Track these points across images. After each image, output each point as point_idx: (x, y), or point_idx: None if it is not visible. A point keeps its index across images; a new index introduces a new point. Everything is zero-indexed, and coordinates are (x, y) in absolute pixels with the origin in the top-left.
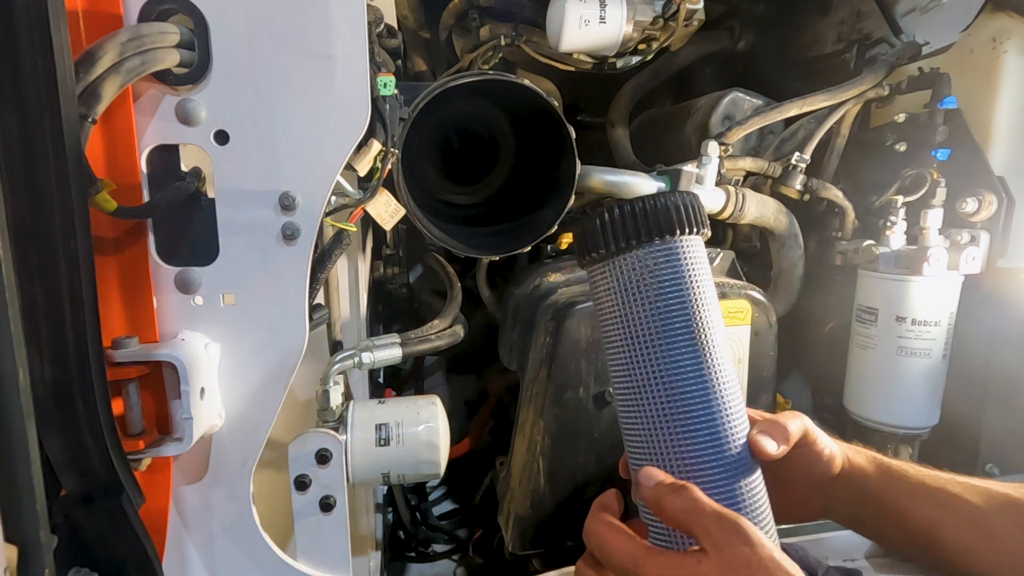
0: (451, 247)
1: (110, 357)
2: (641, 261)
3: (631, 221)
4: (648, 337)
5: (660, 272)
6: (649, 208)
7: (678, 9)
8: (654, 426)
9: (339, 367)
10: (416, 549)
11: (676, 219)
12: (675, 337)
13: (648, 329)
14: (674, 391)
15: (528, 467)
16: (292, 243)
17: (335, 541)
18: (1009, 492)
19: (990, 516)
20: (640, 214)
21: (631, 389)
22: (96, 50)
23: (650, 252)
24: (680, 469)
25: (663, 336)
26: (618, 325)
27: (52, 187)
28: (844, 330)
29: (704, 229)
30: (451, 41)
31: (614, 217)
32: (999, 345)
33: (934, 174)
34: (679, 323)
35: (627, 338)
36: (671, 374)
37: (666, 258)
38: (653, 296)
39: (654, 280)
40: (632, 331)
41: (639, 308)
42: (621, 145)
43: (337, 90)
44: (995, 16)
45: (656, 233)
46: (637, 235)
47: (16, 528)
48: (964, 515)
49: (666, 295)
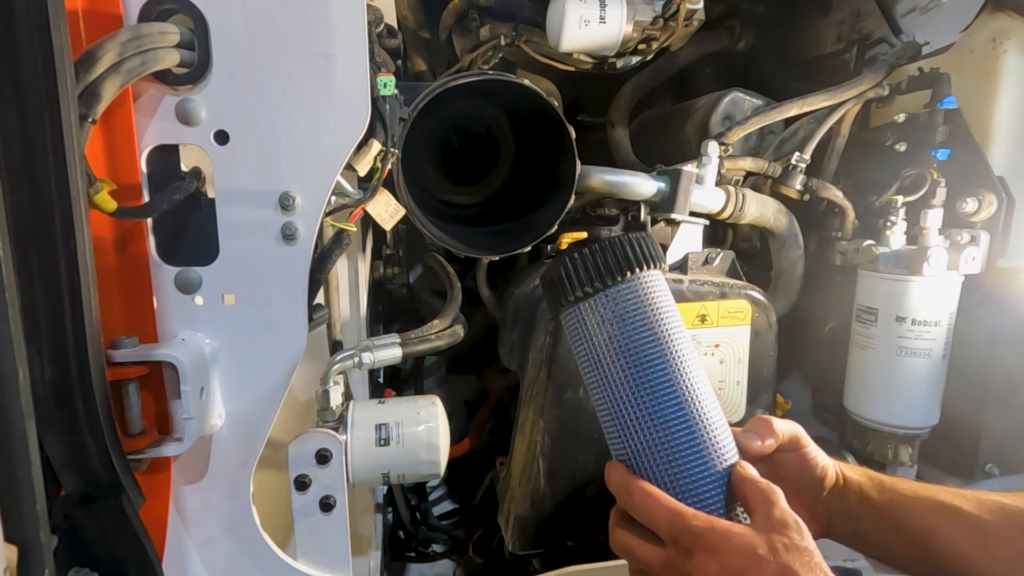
0: (451, 247)
1: (110, 357)
2: (602, 303)
3: (584, 269)
4: (620, 372)
5: (620, 310)
6: (600, 253)
7: (678, 9)
8: (642, 457)
9: (339, 367)
10: (416, 549)
11: (626, 260)
12: (646, 369)
13: (618, 364)
14: (654, 422)
15: (528, 467)
16: (292, 243)
17: (335, 541)
18: (1000, 499)
19: (985, 522)
20: (592, 261)
21: (614, 425)
22: (96, 50)
23: (608, 294)
24: (673, 490)
25: (635, 370)
26: (592, 365)
27: (52, 187)
28: (844, 330)
29: (660, 264)
30: (451, 41)
31: (573, 266)
32: (999, 345)
33: (934, 174)
34: (647, 355)
35: (602, 377)
36: (648, 407)
37: (624, 296)
38: (618, 332)
39: (616, 318)
40: (605, 368)
41: (607, 346)
42: (621, 145)
43: (337, 90)
44: (995, 16)
45: (609, 276)
46: (591, 280)
47: (16, 528)
48: (959, 522)
49: (629, 330)
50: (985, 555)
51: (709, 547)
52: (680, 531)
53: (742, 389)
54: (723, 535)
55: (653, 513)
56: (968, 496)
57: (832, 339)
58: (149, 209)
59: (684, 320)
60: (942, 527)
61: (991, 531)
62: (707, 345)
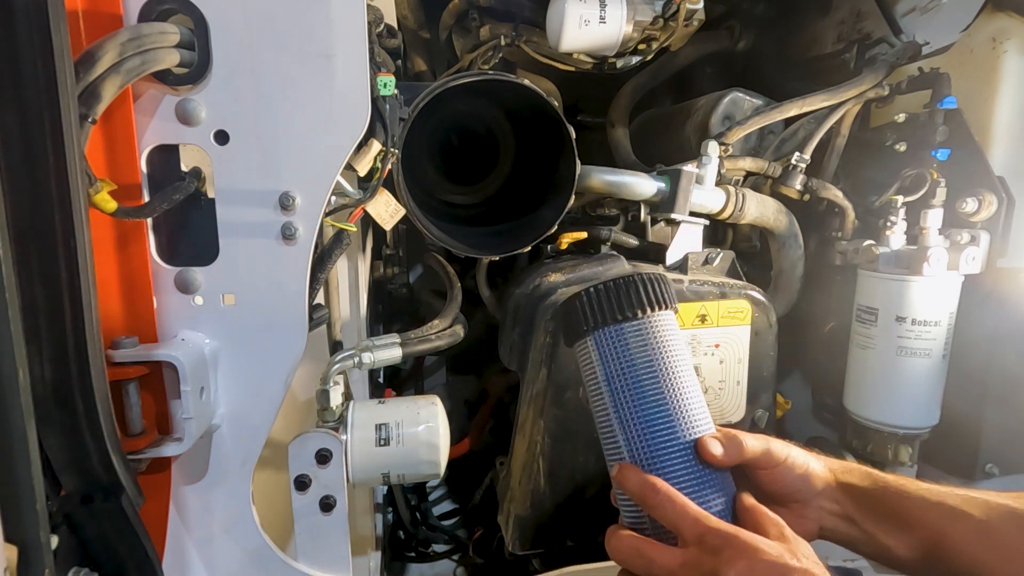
0: (451, 247)
1: (110, 357)
2: (614, 336)
3: (606, 301)
4: (625, 402)
5: (630, 344)
6: (615, 290)
7: (678, 9)
8: None
9: (339, 367)
10: (416, 549)
11: (639, 299)
12: (647, 403)
13: (624, 395)
14: (652, 450)
15: (528, 467)
16: (292, 243)
17: (335, 541)
18: (1008, 503)
19: (994, 526)
20: (613, 295)
21: (616, 449)
22: (96, 50)
23: (620, 329)
24: None
25: (637, 401)
26: (599, 393)
27: (52, 187)
28: (844, 330)
29: (672, 305)
30: (451, 41)
31: (591, 299)
32: (999, 345)
33: (934, 174)
34: (649, 391)
35: (609, 404)
36: (647, 436)
37: (634, 333)
38: (625, 365)
39: (625, 351)
40: (612, 396)
41: (616, 376)
42: (621, 145)
43: (337, 90)
44: (995, 16)
45: (620, 312)
46: (607, 315)
47: (16, 528)
48: (969, 526)
49: (635, 365)
50: (994, 560)
51: (739, 547)
52: (708, 530)
53: (742, 389)
54: (751, 539)
55: (679, 509)
56: (976, 500)
57: (832, 339)
58: (149, 209)
59: (684, 320)
60: (949, 534)
61: (999, 537)
62: (707, 345)
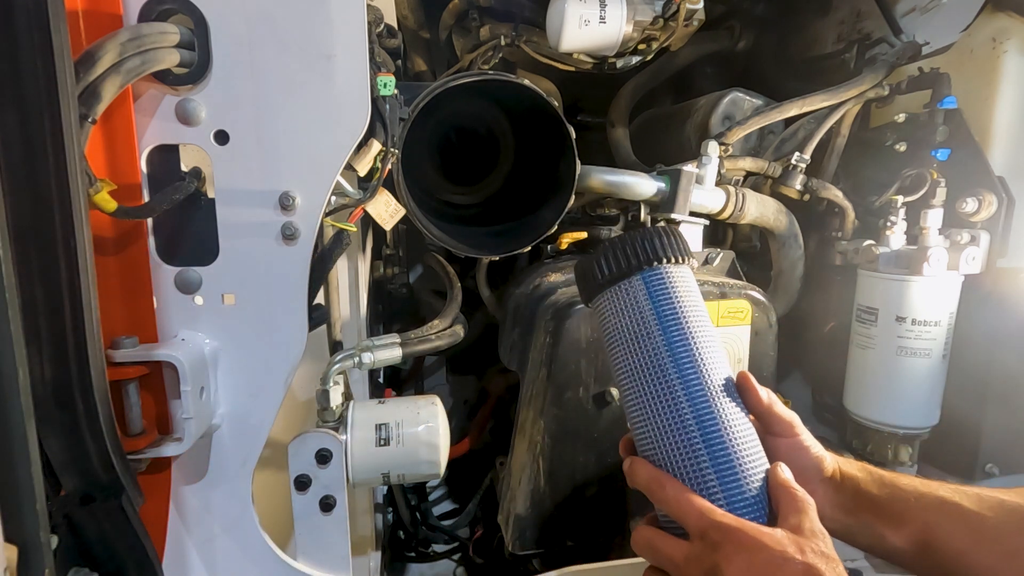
0: (451, 247)
1: (110, 357)
2: (634, 287)
3: (623, 254)
4: (648, 350)
5: (653, 293)
6: (621, 247)
7: (678, 9)
8: (670, 455)
9: (339, 367)
10: (416, 549)
11: (646, 253)
12: (673, 348)
13: (647, 343)
14: (673, 399)
15: (528, 467)
16: (292, 243)
17: (335, 541)
18: (999, 495)
19: (984, 518)
20: (630, 247)
21: (643, 420)
22: (96, 50)
23: (629, 282)
24: (700, 490)
25: (662, 349)
26: (615, 344)
27: (52, 187)
28: (844, 330)
29: (689, 259)
30: (451, 41)
31: (608, 254)
32: (999, 345)
33: (934, 174)
34: (674, 336)
35: (630, 355)
36: (669, 384)
37: (655, 281)
38: (648, 315)
39: (646, 300)
40: (634, 347)
41: (637, 326)
42: (621, 145)
43: (337, 90)
44: (995, 16)
45: (645, 261)
46: (617, 268)
47: (16, 528)
48: (959, 518)
49: (659, 312)
50: (984, 551)
51: (738, 542)
52: (710, 525)
53: None
54: (753, 533)
55: (684, 505)
56: (968, 492)
57: (832, 339)
58: (149, 209)
59: None
60: (941, 524)
61: (990, 528)
62: None
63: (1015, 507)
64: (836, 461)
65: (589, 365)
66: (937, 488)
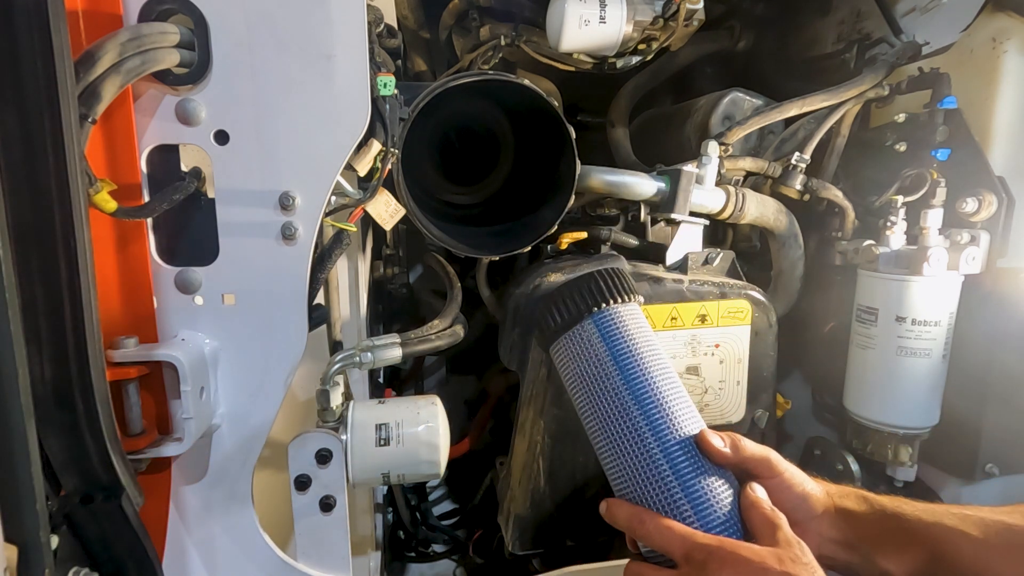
0: (451, 247)
1: (110, 357)
2: (577, 334)
3: (563, 306)
4: (608, 390)
5: (605, 333)
6: (568, 294)
7: (678, 9)
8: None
9: (339, 367)
10: (416, 549)
11: (593, 297)
12: (631, 384)
13: (606, 383)
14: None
15: (528, 467)
16: (292, 243)
17: (335, 541)
18: (1003, 519)
19: (988, 547)
20: (564, 300)
21: (606, 443)
22: (96, 50)
23: (581, 326)
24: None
25: (620, 386)
26: (576, 388)
27: (52, 187)
28: (844, 330)
29: (629, 296)
30: (451, 41)
31: (553, 305)
32: (999, 345)
33: (934, 174)
34: (631, 373)
35: (592, 396)
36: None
37: (594, 326)
38: (592, 359)
39: (589, 345)
40: (594, 388)
41: (595, 367)
42: (621, 145)
43: (337, 90)
44: (995, 16)
45: (579, 311)
46: (568, 315)
47: (16, 528)
48: (966, 545)
49: (613, 351)
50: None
51: (721, 559)
52: (693, 547)
53: (742, 389)
54: (733, 548)
55: (665, 534)
56: (972, 518)
57: (832, 339)
58: (149, 209)
59: (684, 320)
60: (947, 553)
61: (998, 555)
62: (707, 345)
63: (1021, 530)
64: (829, 495)
65: None
66: (942, 516)
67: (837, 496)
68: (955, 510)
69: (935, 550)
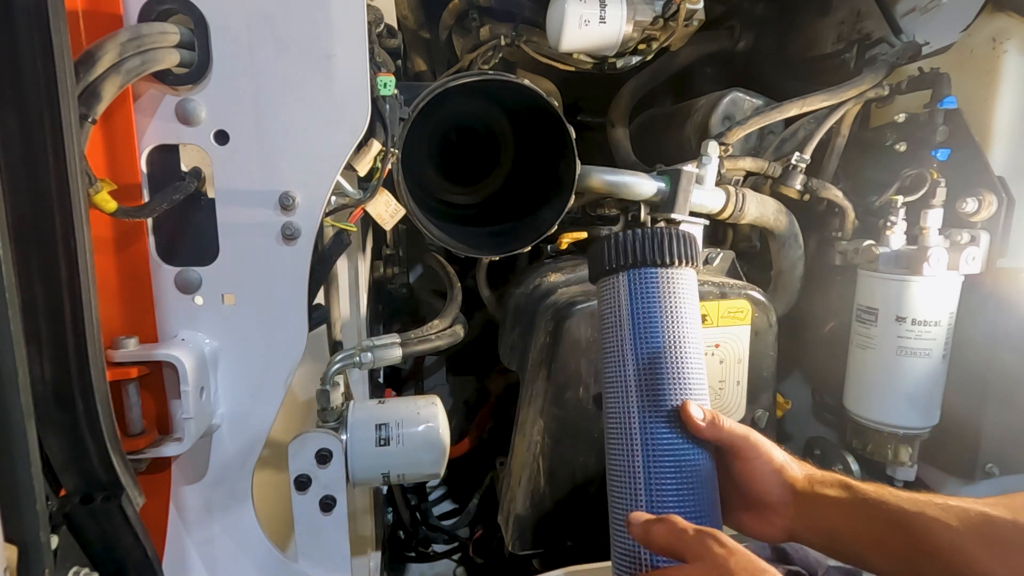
0: (451, 247)
1: (110, 357)
2: (634, 279)
3: (633, 246)
4: (631, 346)
5: (647, 290)
6: (648, 237)
7: (678, 9)
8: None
9: (339, 367)
10: (416, 549)
11: (667, 251)
12: (653, 350)
13: (609, 335)
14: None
15: (528, 467)
16: (292, 243)
17: (335, 541)
18: (986, 510)
19: (967, 538)
20: (640, 242)
21: (616, 381)
22: (96, 50)
23: (616, 277)
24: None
25: (644, 348)
26: (600, 331)
27: (52, 187)
28: (844, 330)
29: (680, 261)
30: (451, 41)
31: (620, 241)
32: (999, 345)
33: (934, 174)
34: (629, 335)
35: (603, 342)
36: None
37: (653, 281)
38: (616, 310)
39: (618, 297)
40: (604, 335)
41: (607, 318)
42: (621, 145)
43: (337, 90)
44: (995, 16)
45: (649, 260)
46: (611, 262)
47: (16, 528)
48: (944, 539)
49: (649, 311)
50: (970, 572)
51: (731, 549)
52: (709, 535)
53: (742, 389)
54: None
55: (680, 530)
56: (954, 508)
57: (832, 339)
58: (149, 209)
59: None
60: (926, 544)
61: (976, 547)
62: (707, 345)
63: (1001, 523)
64: (811, 480)
65: (589, 365)
66: (924, 506)
67: (819, 482)
68: (939, 500)
69: (914, 540)
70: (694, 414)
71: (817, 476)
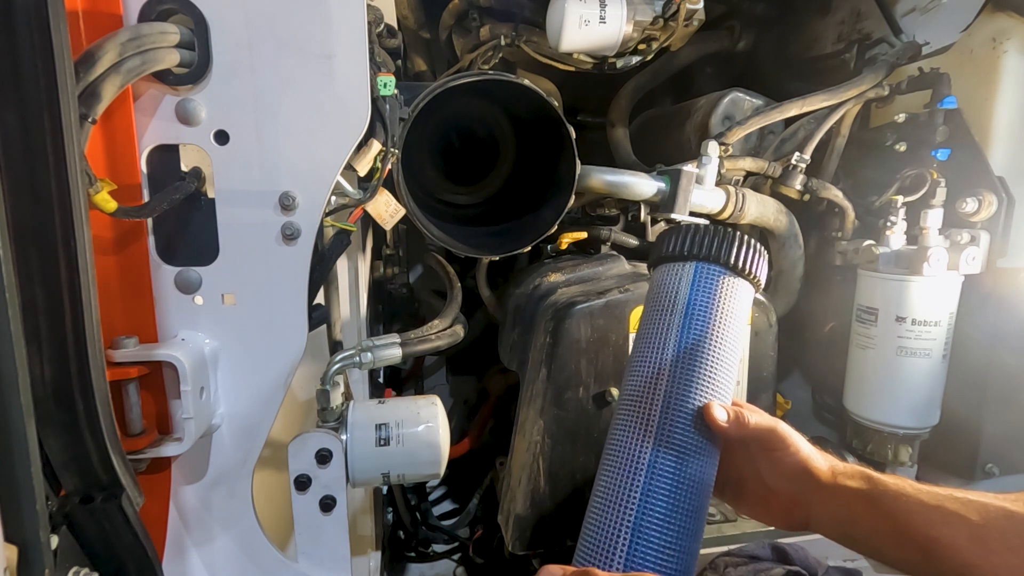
0: (451, 247)
1: (110, 357)
2: (700, 272)
3: (712, 241)
4: (677, 333)
5: (709, 285)
6: (727, 238)
7: (678, 9)
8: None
9: (339, 367)
10: (416, 549)
11: (740, 258)
12: (696, 343)
13: (680, 327)
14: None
15: (528, 467)
16: (292, 243)
17: (335, 541)
18: (1006, 505)
19: (988, 532)
20: (719, 239)
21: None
22: (96, 50)
23: (684, 264)
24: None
25: (688, 338)
26: (658, 315)
27: (52, 187)
28: (844, 330)
29: (746, 271)
30: (451, 41)
31: (700, 233)
32: (999, 345)
33: (934, 174)
34: (704, 333)
35: (660, 329)
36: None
37: (718, 279)
38: (697, 301)
39: (678, 282)
40: (667, 325)
41: (683, 306)
42: (621, 145)
43: (337, 90)
44: (995, 16)
45: (723, 260)
46: (710, 252)
47: (16, 528)
48: (962, 533)
49: (705, 306)
50: (988, 567)
51: None
52: None
53: (742, 389)
54: None
55: None
56: (975, 503)
57: (832, 339)
58: (149, 209)
59: None
60: (944, 538)
61: (996, 541)
62: None
63: (1022, 519)
64: (834, 472)
65: (589, 365)
66: (944, 500)
67: (841, 473)
68: (959, 495)
69: (933, 533)
70: (717, 415)
71: (840, 467)
